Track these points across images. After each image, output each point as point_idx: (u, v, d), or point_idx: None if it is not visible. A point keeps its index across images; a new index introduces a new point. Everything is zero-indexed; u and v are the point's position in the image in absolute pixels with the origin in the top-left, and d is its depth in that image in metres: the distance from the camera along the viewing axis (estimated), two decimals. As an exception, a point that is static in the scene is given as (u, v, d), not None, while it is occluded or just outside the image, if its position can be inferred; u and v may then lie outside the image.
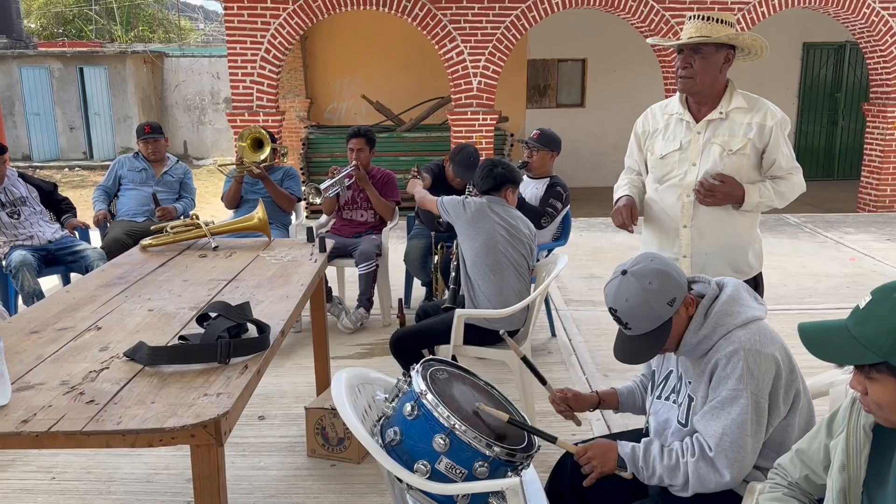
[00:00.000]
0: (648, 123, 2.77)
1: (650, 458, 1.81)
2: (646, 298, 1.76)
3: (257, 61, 8.08)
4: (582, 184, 11.12)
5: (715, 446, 1.72)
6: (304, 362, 3.99)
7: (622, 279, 1.80)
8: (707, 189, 2.56)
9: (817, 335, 1.34)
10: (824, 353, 1.32)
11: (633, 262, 1.82)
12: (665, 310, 1.76)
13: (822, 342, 1.33)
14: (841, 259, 6.33)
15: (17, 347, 2.07)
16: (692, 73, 2.51)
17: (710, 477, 1.73)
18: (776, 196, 2.59)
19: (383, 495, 2.76)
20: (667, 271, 1.78)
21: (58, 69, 16.52)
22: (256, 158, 4.59)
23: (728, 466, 1.71)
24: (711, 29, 2.45)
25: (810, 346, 1.33)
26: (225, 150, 17.06)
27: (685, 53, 2.52)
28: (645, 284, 1.76)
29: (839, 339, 1.30)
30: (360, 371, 2.10)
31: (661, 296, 1.76)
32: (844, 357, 1.31)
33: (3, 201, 4.40)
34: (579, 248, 6.57)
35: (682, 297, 1.78)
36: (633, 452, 1.83)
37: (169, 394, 1.77)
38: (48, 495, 2.81)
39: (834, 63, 11.83)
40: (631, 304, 1.77)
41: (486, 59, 8.24)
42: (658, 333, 1.78)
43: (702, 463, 1.74)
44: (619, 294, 1.80)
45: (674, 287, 1.77)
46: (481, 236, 3.21)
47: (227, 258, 3.10)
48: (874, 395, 1.30)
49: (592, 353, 4.20)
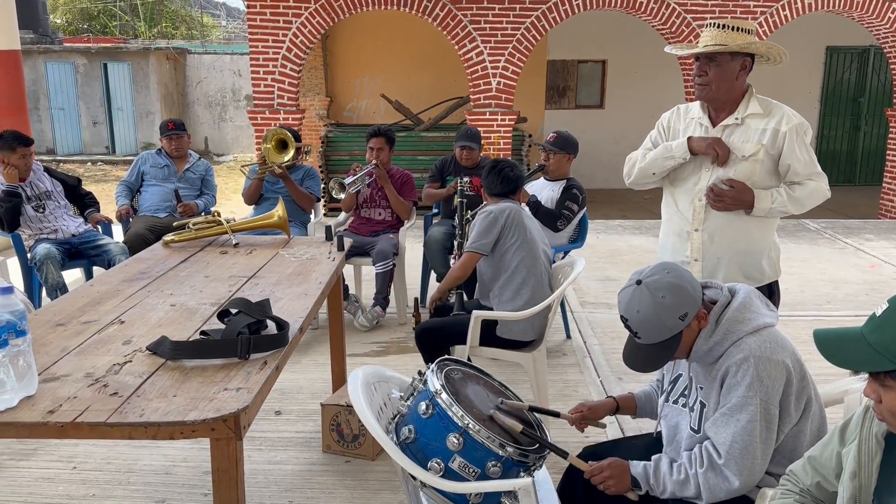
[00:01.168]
0: (672, 121, 2.78)
1: (660, 476, 1.83)
2: (657, 312, 1.77)
3: (279, 60, 8.14)
4: (600, 185, 11.09)
5: (725, 453, 1.74)
6: (320, 359, 4.04)
7: (636, 289, 1.81)
8: (716, 194, 2.57)
9: (833, 342, 1.35)
10: (840, 360, 1.33)
11: (648, 273, 1.83)
12: (676, 323, 1.77)
13: (838, 349, 1.33)
14: (860, 266, 6.28)
15: (43, 339, 2.12)
16: (707, 80, 2.53)
17: (719, 486, 1.74)
18: (790, 202, 2.58)
19: (397, 492, 2.80)
20: (681, 286, 1.78)
21: (82, 64, 16.74)
22: (281, 160, 4.65)
23: (738, 473, 1.72)
24: (727, 37, 2.46)
25: (826, 353, 1.34)
26: (245, 147, 17.20)
27: (701, 61, 2.53)
28: (658, 298, 1.77)
29: (855, 346, 1.31)
30: (376, 369, 2.13)
31: (673, 310, 1.76)
32: (859, 364, 1.32)
33: (29, 195, 4.48)
34: (596, 250, 6.57)
35: (695, 312, 1.79)
36: (644, 472, 1.85)
37: (190, 388, 1.81)
38: (69, 484, 2.87)
39: (857, 67, 11.72)
40: (642, 315, 1.78)
41: (505, 59, 8.26)
42: (667, 344, 1.79)
43: (710, 473, 1.75)
44: (632, 304, 1.81)
45: (687, 302, 1.77)
46: (526, 245, 3.21)
47: (247, 255, 3.15)
48: (888, 403, 1.31)
49: (607, 356, 4.21)
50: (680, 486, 1.79)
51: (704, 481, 1.76)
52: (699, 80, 2.55)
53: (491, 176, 3.40)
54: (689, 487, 1.78)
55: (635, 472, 1.85)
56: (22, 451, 3.08)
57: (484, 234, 3.20)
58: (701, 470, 1.76)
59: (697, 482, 1.77)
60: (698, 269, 2.69)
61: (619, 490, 1.86)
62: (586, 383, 3.83)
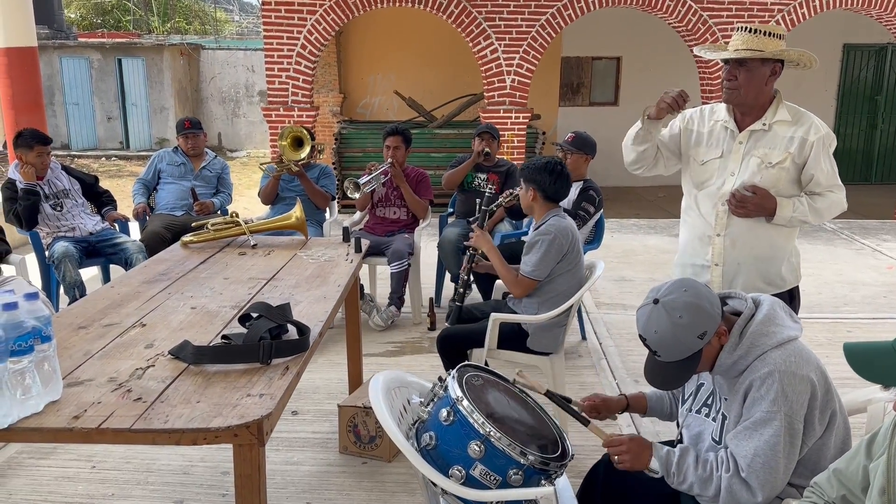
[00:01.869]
0: (694, 122, 2.73)
1: (684, 466, 1.81)
2: (675, 332, 1.75)
3: (293, 57, 8.15)
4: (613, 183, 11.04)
5: (747, 467, 1.73)
6: (336, 359, 4.05)
7: (653, 309, 1.79)
8: (738, 200, 2.55)
9: (863, 356, 1.34)
10: (870, 375, 1.32)
11: (666, 291, 1.80)
12: (695, 343, 1.75)
13: (868, 363, 1.33)
14: (878, 267, 6.23)
15: (65, 343, 2.13)
16: (737, 85, 2.50)
17: (742, 495, 1.73)
18: (811, 212, 2.57)
19: (414, 494, 2.80)
20: (699, 304, 1.75)
21: (97, 60, 16.82)
22: (297, 157, 4.66)
23: (760, 487, 1.72)
24: (759, 42, 2.43)
25: (856, 367, 1.34)
26: (259, 143, 17.24)
27: (731, 65, 2.51)
28: (675, 318, 1.74)
29: (885, 360, 1.31)
30: (397, 374, 2.13)
31: (692, 329, 1.74)
32: (890, 378, 1.32)
33: (47, 193, 4.51)
34: (611, 250, 6.54)
35: (714, 329, 1.76)
36: (667, 457, 1.83)
37: (213, 393, 1.82)
38: (88, 483, 2.90)
39: (874, 65, 11.61)
40: (660, 335, 1.77)
41: (520, 57, 8.23)
42: (688, 363, 1.77)
43: (735, 479, 1.74)
44: (650, 324, 1.79)
45: (705, 320, 1.75)
46: (577, 270, 3.19)
47: (265, 256, 3.15)
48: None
49: (623, 358, 4.20)
50: (702, 483, 1.78)
51: (728, 485, 1.74)
52: (728, 84, 2.53)
53: (545, 175, 3.11)
54: (711, 487, 1.77)
55: (657, 455, 1.83)
56: (42, 450, 3.11)
57: (544, 261, 3.08)
58: (727, 474, 1.75)
59: (720, 485, 1.76)
60: (718, 273, 2.67)
61: (633, 467, 1.84)
62: (602, 385, 3.83)
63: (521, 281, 3.14)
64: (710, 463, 1.80)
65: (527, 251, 3.15)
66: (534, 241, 3.13)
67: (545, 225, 3.13)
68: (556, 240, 3.07)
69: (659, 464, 1.83)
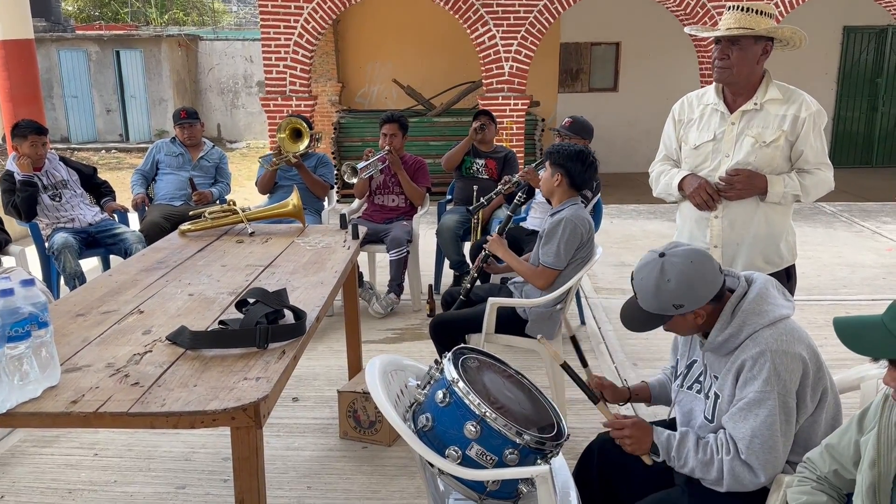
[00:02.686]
0: (685, 112, 2.75)
1: (684, 450, 1.82)
2: (656, 290, 1.79)
3: (290, 46, 8.13)
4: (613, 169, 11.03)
5: (746, 449, 1.73)
6: (335, 346, 4.06)
7: (654, 259, 1.82)
8: (726, 183, 2.56)
9: (852, 329, 1.35)
10: (859, 348, 1.33)
11: (675, 253, 1.81)
12: (669, 309, 1.79)
13: (858, 337, 1.34)
14: (877, 249, 6.23)
15: (63, 330, 2.15)
16: (729, 63, 2.49)
17: (745, 476, 1.74)
18: (801, 189, 2.57)
19: (413, 478, 2.82)
20: (692, 282, 1.77)
21: (95, 52, 16.79)
22: (296, 149, 4.66)
23: (762, 468, 1.72)
24: (751, 20, 2.43)
25: (845, 341, 1.35)
26: (258, 134, 17.23)
27: (723, 44, 2.50)
28: (664, 279, 1.78)
29: (875, 333, 1.32)
30: (393, 358, 2.14)
31: (671, 297, 1.77)
32: (879, 351, 1.33)
33: (45, 184, 4.52)
34: (610, 236, 6.55)
35: (693, 309, 1.79)
36: (668, 441, 1.84)
37: (210, 377, 1.83)
38: (91, 471, 2.92)
39: (875, 47, 11.54)
40: (644, 284, 1.81)
41: (518, 43, 8.20)
42: (656, 319, 1.82)
43: (737, 462, 1.75)
44: (642, 270, 1.83)
45: (688, 297, 1.77)
46: (588, 259, 3.18)
47: (263, 244, 3.16)
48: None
49: (622, 342, 4.21)
50: (703, 467, 1.79)
51: (731, 468, 1.75)
52: (720, 63, 2.52)
53: (577, 164, 3.09)
54: (712, 471, 1.78)
55: (658, 440, 1.85)
56: (44, 439, 3.13)
57: (566, 250, 3.07)
58: (728, 457, 1.76)
59: (722, 468, 1.76)
60: (718, 255, 2.68)
61: (635, 450, 1.87)
62: (601, 369, 3.84)
63: (544, 272, 3.11)
64: (710, 446, 1.80)
65: (547, 240, 3.12)
66: (554, 228, 3.10)
67: (564, 212, 3.10)
68: (577, 229, 3.07)
69: (661, 448, 1.85)
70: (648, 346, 4.12)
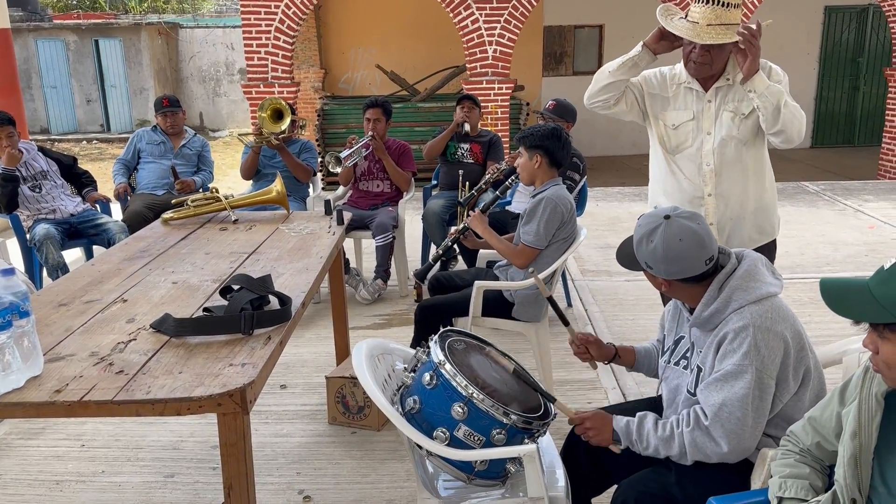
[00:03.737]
0: (655, 86, 2.69)
1: (644, 432, 1.84)
2: (639, 243, 1.86)
3: (272, 32, 8.05)
4: (599, 152, 11.05)
5: (712, 416, 1.74)
6: (323, 333, 4.06)
7: (658, 217, 1.84)
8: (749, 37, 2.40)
9: (837, 291, 1.36)
10: (842, 309, 1.34)
11: (680, 223, 1.80)
12: (643, 265, 1.87)
13: (842, 299, 1.35)
14: (860, 227, 6.29)
15: (46, 320, 2.13)
16: (709, 60, 2.50)
17: (707, 445, 1.75)
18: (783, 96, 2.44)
19: (403, 461, 2.83)
20: (668, 255, 1.79)
21: (73, 41, 16.55)
22: (276, 129, 4.62)
23: (725, 437, 1.73)
24: (726, 15, 2.40)
25: (829, 301, 1.35)
26: (241, 122, 17.07)
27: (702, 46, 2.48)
28: (648, 239, 1.83)
29: (858, 296, 1.33)
30: (380, 342, 2.15)
31: (646, 256, 1.84)
32: (860, 314, 1.34)
33: (25, 175, 4.46)
34: (596, 218, 6.57)
35: (661, 278, 1.86)
36: (626, 427, 1.87)
37: (195, 364, 1.82)
38: (78, 462, 2.91)
39: (856, 27, 11.60)
40: (637, 231, 1.88)
41: (501, 26, 8.16)
42: (636, 265, 1.90)
43: (697, 432, 1.76)
44: (645, 220, 1.88)
45: (659, 265, 1.82)
46: (570, 239, 3.18)
47: (247, 231, 3.14)
48: (884, 355, 1.34)
49: (608, 323, 4.23)
50: (664, 444, 1.81)
51: (691, 440, 1.77)
52: (700, 63, 2.51)
53: (554, 141, 3.10)
54: (674, 446, 1.79)
55: (617, 427, 1.87)
56: (30, 431, 3.11)
57: (546, 229, 3.07)
58: (687, 429, 1.77)
59: (682, 441, 1.78)
60: (714, 232, 2.68)
61: (600, 441, 1.89)
62: (588, 350, 3.85)
63: (523, 251, 3.12)
64: (669, 423, 1.83)
65: (527, 220, 3.12)
66: (534, 208, 3.10)
67: (546, 192, 3.11)
68: (557, 208, 3.07)
69: (620, 434, 1.86)
70: (635, 326, 4.14)
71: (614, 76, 2.65)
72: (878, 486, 1.40)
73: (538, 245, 3.10)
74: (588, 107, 2.76)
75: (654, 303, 3.35)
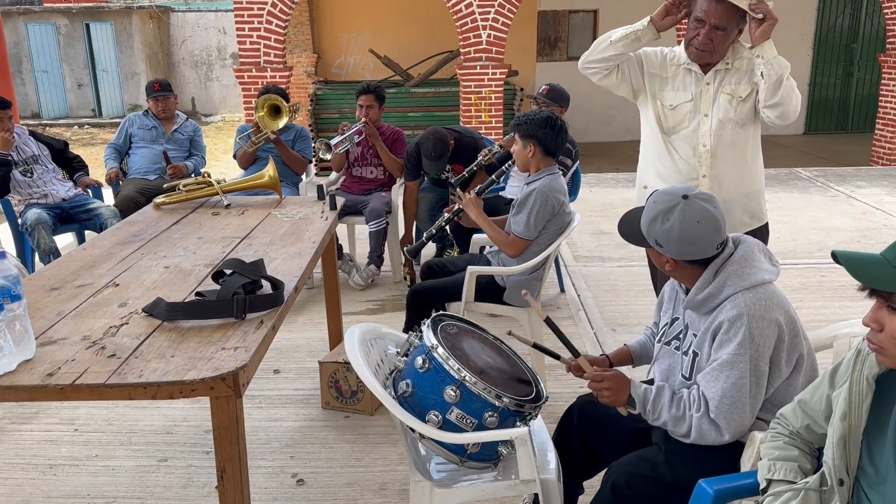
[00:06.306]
0: (655, 65, 2.69)
1: (659, 404, 1.85)
2: (653, 221, 1.82)
3: (264, 16, 7.99)
4: (592, 138, 11.04)
5: (715, 408, 1.77)
6: (316, 318, 4.06)
7: (675, 197, 1.82)
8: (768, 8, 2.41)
9: (857, 262, 1.35)
10: (865, 277, 1.33)
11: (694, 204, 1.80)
12: (651, 240, 1.85)
13: (863, 268, 1.34)
14: (852, 213, 6.31)
15: (38, 304, 2.12)
16: (711, 47, 2.50)
17: (710, 434, 1.78)
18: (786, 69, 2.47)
19: (396, 445, 2.84)
20: (684, 236, 1.78)
21: (64, 25, 16.39)
22: (275, 127, 4.60)
23: (728, 427, 1.77)
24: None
25: (852, 269, 1.34)
26: (233, 107, 16.98)
27: (707, 29, 2.47)
28: (664, 218, 1.80)
29: (880, 268, 1.32)
30: (372, 326, 2.15)
31: (659, 234, 1.82)
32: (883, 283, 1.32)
33: (16, 160, 4.43)
34: (589, 204, 6.57)
35: (669, 256, 1.84)
36: (644, 394, 1.87)
37: (188, 348, 1.82)
38: (71, 446, 2.91)
39: (850, 13, 11.59)
40: (651, 209, 1.85)
41: (495, 11, 8.12)
42: (641, 240, 1.89)
43: (705, 420, 1.78)
44: (660, 197, 1.85)
45: (672, 245, 1.80)
46: (561, 230, 3.16)
47: (239, 216, 3.14)
48: (890, 329, 1.32)
49: (601, 309, 4.25)
50: (675, 421, 1.82)
51: (699, 425, 1.79)
52: (702, 48, 2.50)
53: (548, 130, 3.08)
54: (683, 425, 1.81)
55: (635, 393, 1.87)
56: (23, 415, 3.11)
57: (537, 220, 3.07)
58: (698, 414, 1.79)
59: (692, 423, 1.80)
60: None
61: (611, 402, 1.89)
62: (581, 336, 3.88)
63: (514, 241, 3.13)
64: (683, 402, 1.83)
65: (518, 209, 3.12)
66: (525, 198, 3.09)
67: (538, 182, 3.09)
68: (548, 200, 3.06)
69: (637, 401, 1.87)
70: (627, 312, 4.16)
71: (615, 48, 2.65)
72: (867, 466, 1.42)
73: (528, 236, 3.10)
74: (582, 70, 2.74)
75: (647, 288, 3.36)
